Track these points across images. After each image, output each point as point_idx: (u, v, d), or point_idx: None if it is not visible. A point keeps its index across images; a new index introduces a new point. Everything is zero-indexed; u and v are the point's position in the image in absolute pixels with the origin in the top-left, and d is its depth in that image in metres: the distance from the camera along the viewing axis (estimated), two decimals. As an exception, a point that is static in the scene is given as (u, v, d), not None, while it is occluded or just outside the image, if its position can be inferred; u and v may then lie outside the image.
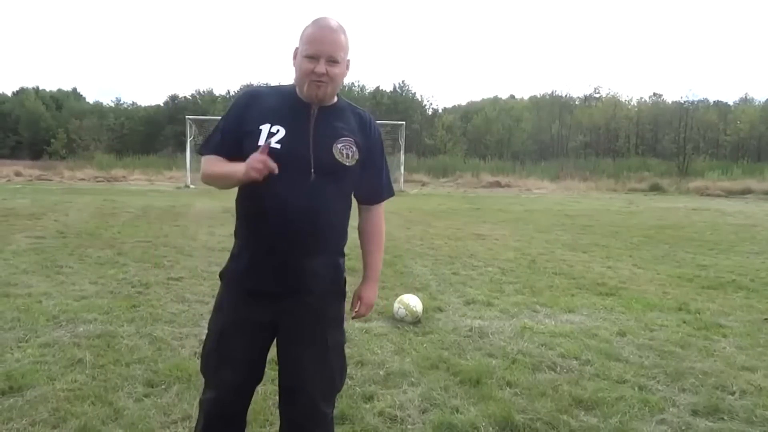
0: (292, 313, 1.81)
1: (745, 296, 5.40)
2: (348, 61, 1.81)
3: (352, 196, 1.92)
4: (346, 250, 1.91)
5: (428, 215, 12.52)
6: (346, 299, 1.95)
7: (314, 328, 1.83)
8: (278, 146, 1.73)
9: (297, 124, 1.77)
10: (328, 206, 1.79)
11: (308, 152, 1.75)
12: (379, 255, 2.02)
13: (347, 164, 1.80)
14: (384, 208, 2.02)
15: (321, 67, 1.72)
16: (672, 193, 23.70)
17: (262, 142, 1.72)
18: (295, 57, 1.80)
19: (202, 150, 1.89)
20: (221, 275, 1.91)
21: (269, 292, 1.79)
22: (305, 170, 1.74)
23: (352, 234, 1.95)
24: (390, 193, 2.01)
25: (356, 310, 2.02)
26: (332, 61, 1.73)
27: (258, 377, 1.91)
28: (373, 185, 1.94)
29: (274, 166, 1.65)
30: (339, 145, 1.79)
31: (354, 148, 1.81)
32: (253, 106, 1.81)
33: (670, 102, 47.74)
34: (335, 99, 1.85)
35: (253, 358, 1.86)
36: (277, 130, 1.75)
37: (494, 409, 2.81)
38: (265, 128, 1.75)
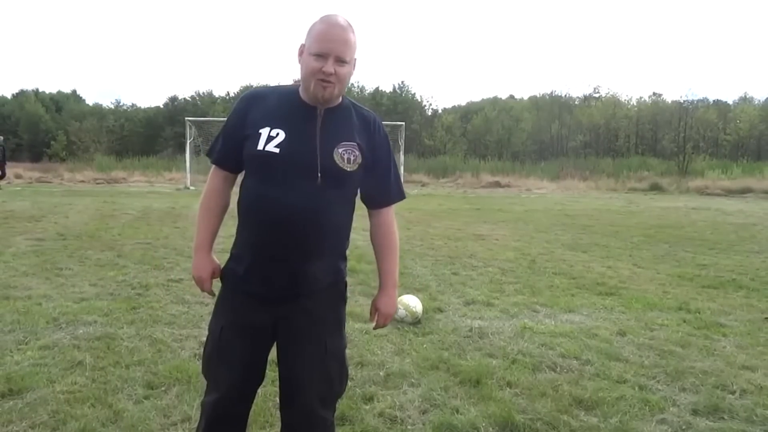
0: (292, 317, 1.79)
1: (745, 295, 5.40)
2: (355, 60, 1.76)
3: (359, 201, 1.88)
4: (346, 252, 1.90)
5: (428, 215, 12.52)
6: (364, 307, 1.93)
7: (313, 332, 1.81)
8: (277, 150, 1.70)
9: (300, 127, 1.73)
10: (331, 211, 1.76)
11: (314, 156, 1.71)
12: (393, 260, 1.92)
13: (348, 170, 1.74)
14: (394, 211, 1.94)
15: (329, 67, 1.66)
16: (672, 192, 23.69)
17: (261, 146, 1.70)
18: (300, 54, 1.74)
19: (208, 153, 1.94)
20: (221, 277, 1.90)
21: (269, 295, 1.77)
22: (309, 174, 1.70)
23: (351, 235, 1.93)
24: (400, 196, 1.93)
25: (374, 321, 1.97)
26: (341, 60, 1.68)
27: (259, 379, 1.90)
28: (381, 188, 1.88)
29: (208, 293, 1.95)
30: (340, 150, 1.74)
31: (356, 152, 1.76)
32: (253, 108, 1.78)
33: (669, 101, 47.84)
34: (339, 99, 1.81)
35: (252, 360, 1.84)
36: (277, 134, 1.71)
37: (494, 409, 2.81)
38: (264, 131, 1.72)
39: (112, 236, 8.29)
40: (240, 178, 1.89)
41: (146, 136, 51.14)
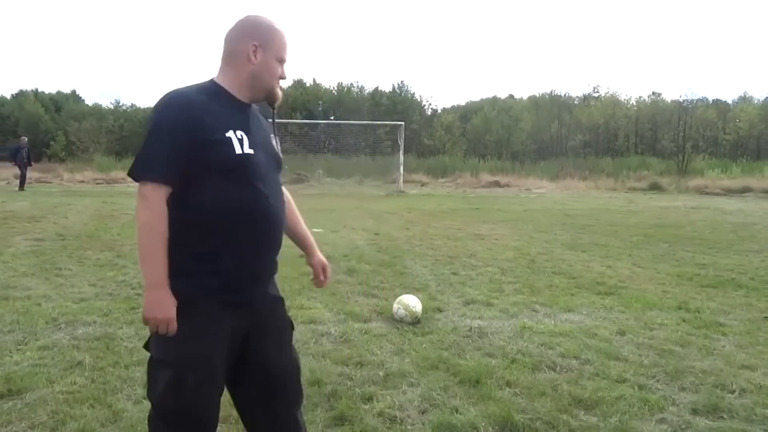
0: (261, 315, 1.78)
1: (745, 295, 5.40)
2: None
3: None
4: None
5: (427, 215, 12.52)
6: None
7: (280, 328, 1.86)
8: (252, 151, 1.67)
9: (249, 125, 1.72)
10: (283, 201, 1.85)
11: (276, 151, 1.81)
12: (303, 223, 2.05)
13: (282, 157, 1.87)
14: None
15: (284, 72, 1.77)
16: (671, 191, 23.70)
17: (239, 149, 1.63)
18: (254, 53, 1.70)
19: (140, 172, 1.61)
20: (190, 298, 1.63)
21: (244, 299, 1.72)
22: (276, 169, 1.80)
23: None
24: None
25: (323, 278, 2.03)
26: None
27: None
28: None
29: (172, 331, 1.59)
30: (274, 141, 1.85)
31: (276, 140, 1.89)
32: (204, 112, 1.63)
33: (669, 101, 47.69)
34: None
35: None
36: (241, 136, 1.66)
37: (494, 409, 2.81)
38: (230, 134, 1.64)
39: (112, 236, 8.30)
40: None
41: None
